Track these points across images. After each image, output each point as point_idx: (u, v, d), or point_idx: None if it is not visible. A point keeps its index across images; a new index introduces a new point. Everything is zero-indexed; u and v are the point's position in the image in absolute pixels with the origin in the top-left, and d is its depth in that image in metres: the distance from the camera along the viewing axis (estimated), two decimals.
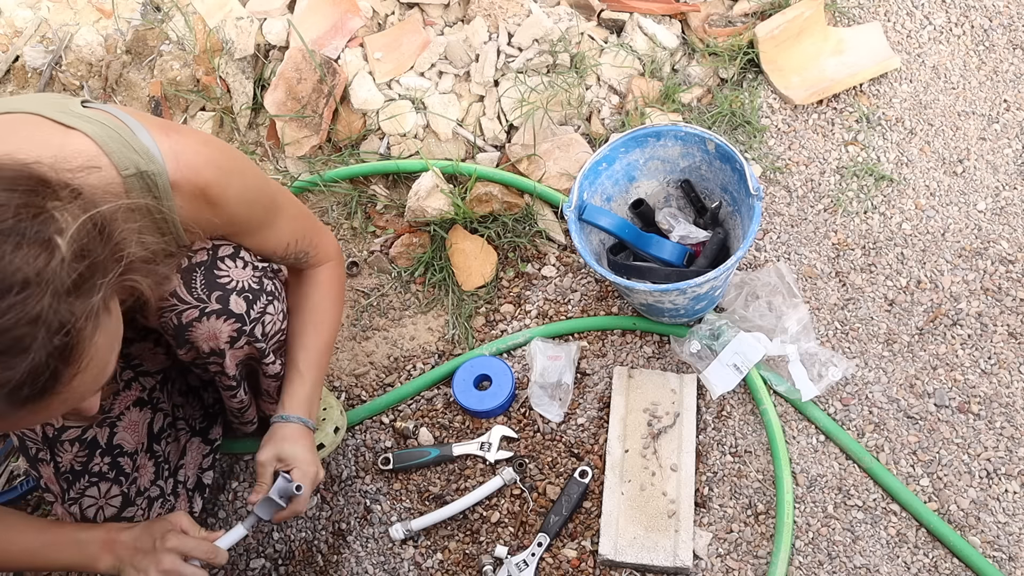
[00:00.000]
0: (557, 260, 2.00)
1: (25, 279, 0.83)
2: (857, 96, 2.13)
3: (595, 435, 1.80)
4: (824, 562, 1.64)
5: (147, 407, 1.52)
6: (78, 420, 1.40)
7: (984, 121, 2.08)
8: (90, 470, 1.45)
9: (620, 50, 2.16)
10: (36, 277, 0.83)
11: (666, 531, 1.66)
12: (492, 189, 2.00)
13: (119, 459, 1.47)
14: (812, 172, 2.04)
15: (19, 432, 1.43)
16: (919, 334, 1.84)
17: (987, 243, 1.92)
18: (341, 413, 1.78)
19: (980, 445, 1.72)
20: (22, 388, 0.86)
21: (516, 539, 1.72)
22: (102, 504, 1.46)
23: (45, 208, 0.86)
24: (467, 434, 1.83)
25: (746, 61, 2.16)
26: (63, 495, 1.44)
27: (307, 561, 1.75)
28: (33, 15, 2.46)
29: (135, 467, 1.50)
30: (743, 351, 1.75)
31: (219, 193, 1.20)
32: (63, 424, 1.41)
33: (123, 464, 1.48)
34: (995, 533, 1.64)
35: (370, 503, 1.78)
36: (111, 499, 1.46)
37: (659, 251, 1.79)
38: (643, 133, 1.78)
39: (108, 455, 1.46)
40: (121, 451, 1.48)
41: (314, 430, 1.49)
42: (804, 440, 1.76)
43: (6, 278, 0.82)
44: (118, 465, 1.47)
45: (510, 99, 2.09)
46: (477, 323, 1.94)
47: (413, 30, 2.19)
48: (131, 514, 1.48)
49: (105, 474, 1.46)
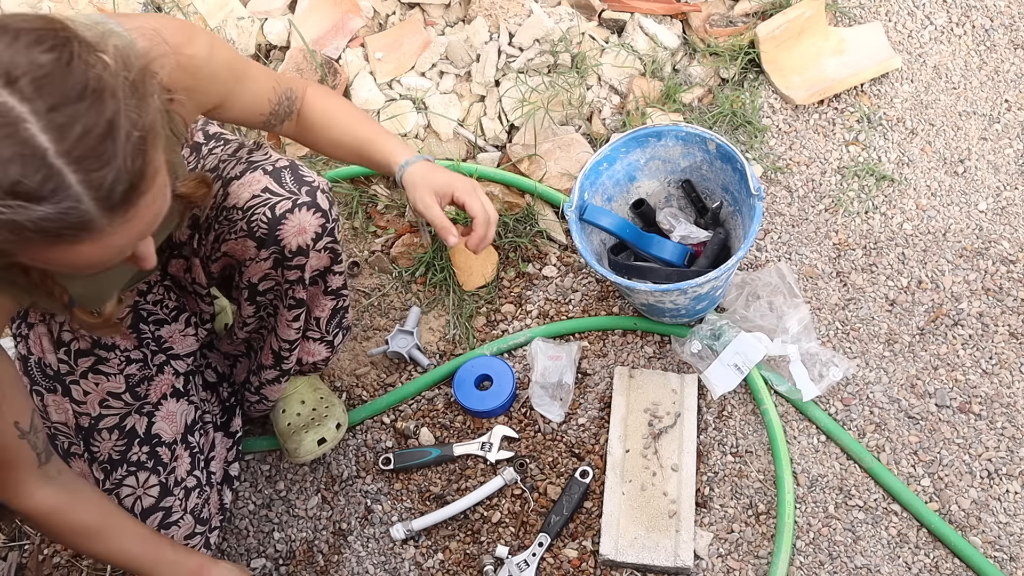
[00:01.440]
0: (558, 260, 2.00)
1: (89, 86, 0.86)
2: (858, 96, 2.13)
3: (596, 435, 1.80)
4: (825, 562, 1.64)
5: (183, 398, 1.53)
6: (125, 300, 1.40)
7: (985, 121, 2.08)
8: (128, 459, 1.46)
9: (621, 50, 2.16)
10: (98, 83, 0.86)
11: (667, 531, 1.66)
12: (493, 189, 2.00)
13: (157, 448, 1.48)
14: (813, 172, 2.04)
15: (50, 425, 1.44)
16: (920, 334, 1.84)
17: (988, 243, 1.92)
18: (343, 410, 1.79)
19: (981, 445, 1.72)
20: (115, 187, 0.88)
21: (517, 539, 1.72)
22: (140, 494, 1.47)
23: (70, 29, 0.89)
24: (468, 434, 1.83)
25: (747, 61, 2.16)
26: (99, 486, 1.45)
27: (308, 561, 1.75)
28: None
29: (173, 457, 1.51)
30: (744, 351, 1.75)
31: (193, 53, 1.19)
32: (97, 336, 1.42)
33: (161, 454, 1.49)
34: (996, 533, 1.64)
35: (371, 503, 1.78)
36: (149, 488, 1.47)
37: (660, 251, 1.79)
38: (644, 133, 1.78)
39: (147, 444, 1.48)
40: (159, 440, 1.49)
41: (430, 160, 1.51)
42: (805, 440, 1.76)
43: (74, 87, 0.85)
44: (156, 455, 1.48)
45: (511, 99, 2.09)
46: (478, 323, 1.94)
47: (414, 30, 2.19)
48: (169, 503, 1.49)
49: (144, 463, 1.47)
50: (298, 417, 1.75)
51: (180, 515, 1.50)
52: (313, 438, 1.72)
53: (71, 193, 0.85)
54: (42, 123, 0.83)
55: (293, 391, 1.78)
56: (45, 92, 0.84)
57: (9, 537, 1.82)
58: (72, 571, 1.77)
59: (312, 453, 1.72)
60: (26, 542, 1.81)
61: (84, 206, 0.86)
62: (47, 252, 0.90)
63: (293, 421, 1.75)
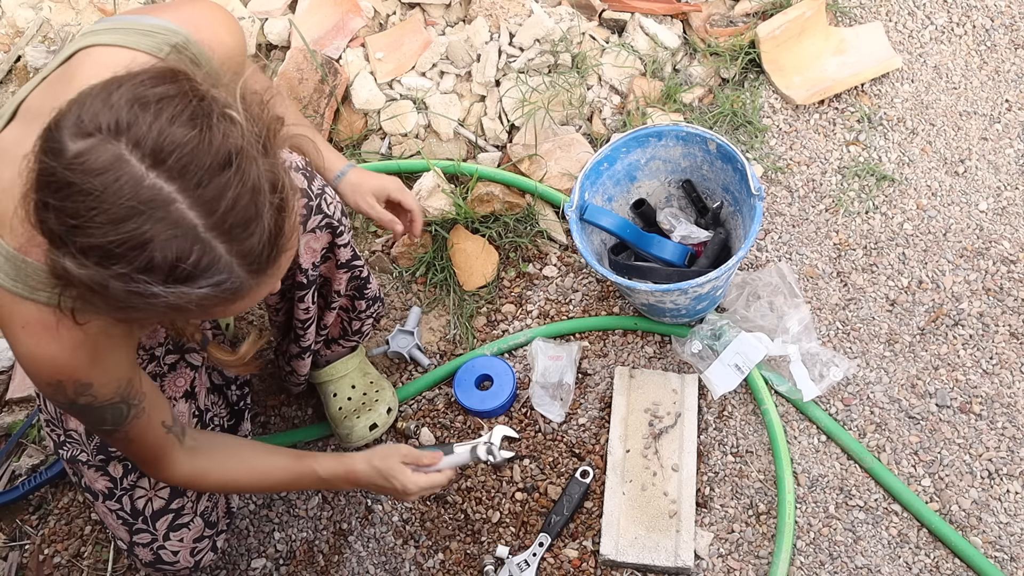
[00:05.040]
0: (558, 260, 2.00)
1: (230, 152, 0.87)
2: (858, 96, 2.12)
3: (596, 435, 1.80)
4: (825, 562, 1.64)
5: (192, 400, 1.53)
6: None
7: (986, 121, 2.08)
8: None
9: (621, 50, 2.16)
10: (237, 148, 0.88)
11: (667, 531, 1.66)
12: (493, 189, 2.00)
13: None
14: (813, 172, 2.04)
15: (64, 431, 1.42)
16: (920, 334, 1.84)
17: (988, 243, 1.92)
18: (393, 394, 1.82)
19: (982, 445, 1.72)
20: (263, 252, 0.91)
21: (517, 539, 1.72)
22: (151, 496, 1.46)
23: (199, 90, 0.90)
24: (468, 434, 1.83)
25: (747, 61, 2.16)
26: (115, 488, 1.44)
27: (308, 561, 1.75)
28: (35, 15, 2.46)
29: None
30: (744, 351, 1.75)
31: (236, 44, 1.20)
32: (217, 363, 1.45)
33: None
34: (997, 533, 1.64)
35: (371, 503, 1.78)
36: (159, 490, 1.47)
37: (660, 251, 1.79)
38: (644, 133, 1.78)
39: None
40: None
41: None
42: (805, 440, 1.76)
43: (217, 158, 0.86)
44: None
45: (511, 99, 2.09)
46: (478, 323, 1.94)
47: (414, 30, 2.19)
48: (180, 505, 1.48)
49: None
50: (349, 402, 1.77)
51: (190, 518, 1.49)
52: (365, 423, 1.74)
53: (223, 265, 0.89)
54: (190, 200, 0.85)
55: (343, 375, 1.78)
56: (191, 168, 0.85)
57: (9, 537, 1.82)
58: (72, 571, 1.77)
59: (364, 439, 1.75)
60: (26, 542, 1.81)
61: (235, 275, 0.90)
62: (200, 315, 0.95)
63: (344, 406, 1.76)
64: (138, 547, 1.46)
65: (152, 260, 0.85)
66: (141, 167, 0.84)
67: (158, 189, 0.84)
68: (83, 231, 0.84)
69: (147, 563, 1.48)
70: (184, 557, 1.49)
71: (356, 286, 1.59)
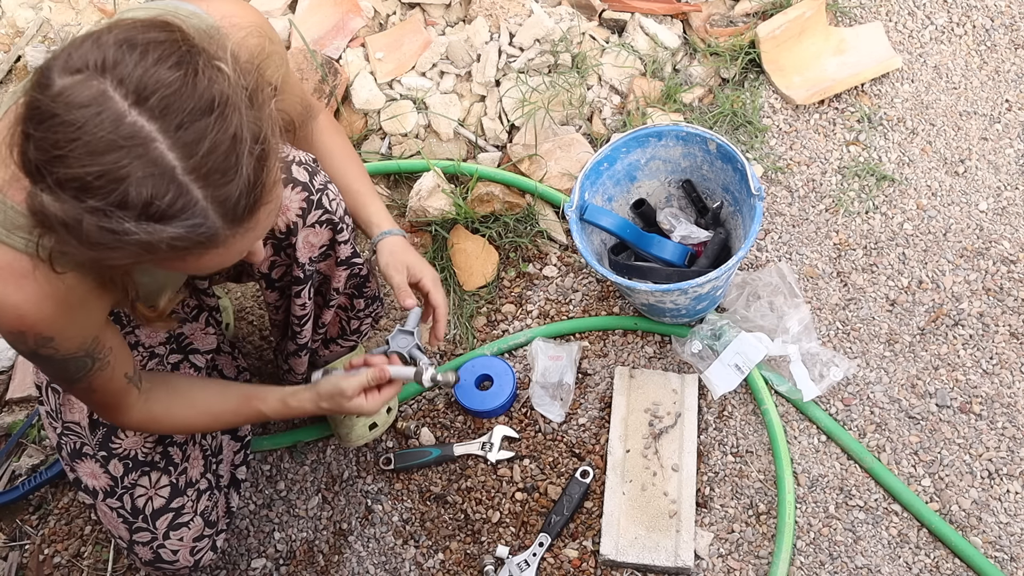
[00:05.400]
0: (558, 260, 2.00)
1: (214, 98, 0.88)
2: (858, 96, 2.13)
3: (596, 435, 1.79)
4: (825, 562, 1.64)
5: None
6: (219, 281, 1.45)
7: (986, 121, 2.08)
8: (144, 459, 1.46)
9: (621, 50, 2.16)
10: (222, 95, 0.89)
11: (667, 531, 1.66)
12: (493, 189, 2.00)
13: (169, 448, 1.49)
14: (813, 172, 2.04)
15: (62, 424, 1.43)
16: (920, 334, 1.84)
17: (989, 243, 1.92)
18: None
19: (982, 445, 1.72)
20: (239, 201, 0.91)
21: (517, 539, 1.72)
22: (151, 495, 1.47)
23: (189, 39, 0.91)
24: (468, 434, 1.83)
25: (747, 61, 2.16)
26: (116, 486, 1.44)
27: (308, 561, 1.75)
28: (35, 15, 2.47)
29: (184, 457, 1.51)
30: (744, 351, 1.75)
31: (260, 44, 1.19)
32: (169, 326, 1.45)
33: (172, 454, 1.49)
34: (997, 533, 1.64)
35: (371, 503, 1.78)
36: (160, 489, 1.47)
37: (660, 251, 1.79)
38: (644, 133, 1.78)
39: (160, 444, 1.48)
40: (171, 440, 1.49)
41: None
42: (805, 440, 1.76)
43: (200, 102, 0.87)
44: (168, 454, 1.48)
45: (511, 99, 2.09)
46: (478, 323, 1.94)
47: (414, 30, 2.19)
48: (180, 504, 1.48)
49: (156, 463, 1.47)
50: None
51: (191, 516, 1.49)
52: (364, 423, 1.74)
53: (198, 210, 0.89)
54: (170, 141, 0.86)
55: None
56: (173, 110, 0.86)
57: (9, 537, 1.82)
58: (72, 571, 1.77)
59: (363, 438, 1.75)
60: (26, 542, 1.81)
61: (211, 222, 0.90)
62: (173, 263, 0.95)
63: None
64: (138, 546, 1.46)
65: (127, 196, 0.85)
66: (124, 104, 0.85)
67: (139, 127, 0.85)
68: (62, 161, 0.85)
69: (147, 562, 1.48)
70: (184, 556, 1.49)
71: (355, 284, 1.59)
